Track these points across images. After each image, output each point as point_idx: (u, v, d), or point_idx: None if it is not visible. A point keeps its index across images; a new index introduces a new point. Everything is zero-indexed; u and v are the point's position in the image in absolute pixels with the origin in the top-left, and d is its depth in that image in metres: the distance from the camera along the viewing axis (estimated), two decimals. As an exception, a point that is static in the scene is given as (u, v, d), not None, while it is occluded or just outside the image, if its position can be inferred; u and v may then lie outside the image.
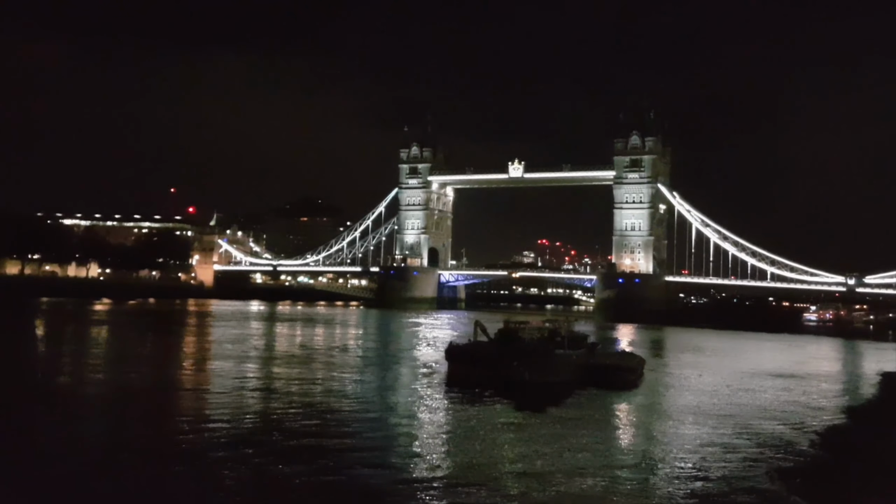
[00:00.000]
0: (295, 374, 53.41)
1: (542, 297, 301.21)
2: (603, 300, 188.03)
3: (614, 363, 55.59)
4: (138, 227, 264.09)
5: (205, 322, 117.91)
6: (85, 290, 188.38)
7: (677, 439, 35.13)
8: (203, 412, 37.07)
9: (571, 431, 34.08)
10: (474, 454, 30.60)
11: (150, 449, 29.05)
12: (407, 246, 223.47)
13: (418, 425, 36.60)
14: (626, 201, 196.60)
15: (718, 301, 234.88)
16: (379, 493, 24.84)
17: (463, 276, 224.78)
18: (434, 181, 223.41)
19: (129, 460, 27.69)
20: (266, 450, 29.66)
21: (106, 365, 55.80)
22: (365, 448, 30.68)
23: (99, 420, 35.53)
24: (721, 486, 27.02)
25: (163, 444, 29.65)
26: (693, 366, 70.31)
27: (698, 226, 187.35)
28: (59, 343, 76.82)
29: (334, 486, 25.56)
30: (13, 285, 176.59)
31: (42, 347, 73.65)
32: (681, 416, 41.09)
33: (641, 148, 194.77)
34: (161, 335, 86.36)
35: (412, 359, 68.29)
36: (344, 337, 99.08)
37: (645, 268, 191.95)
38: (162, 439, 29.88)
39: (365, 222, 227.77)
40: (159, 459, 27.90)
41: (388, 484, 25.66)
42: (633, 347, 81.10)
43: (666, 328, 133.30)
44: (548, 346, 51.32)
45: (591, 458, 30.32)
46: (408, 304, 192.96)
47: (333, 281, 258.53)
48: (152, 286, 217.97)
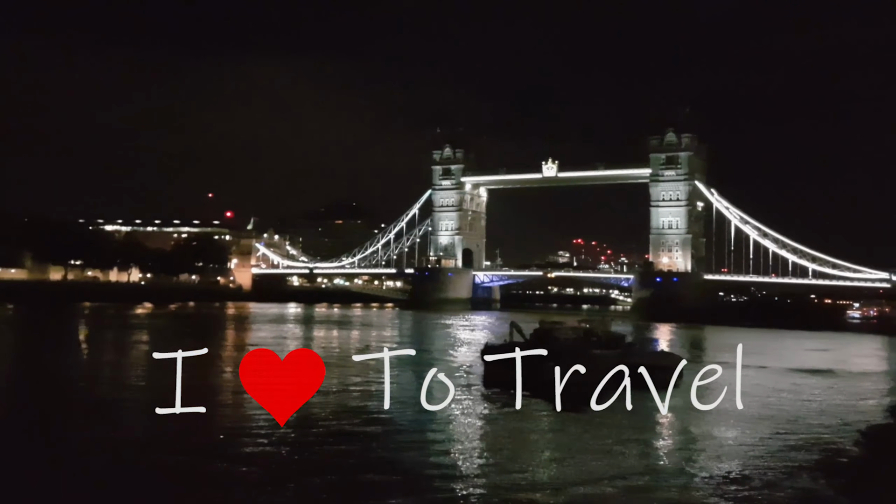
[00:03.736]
0: (333, 374, 53.71)
1: (578, 297, 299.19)
2: (640, 299, 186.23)
3: (652, 363, 54.90)
4: (177, 232, 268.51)
5: (244, 324, 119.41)
6: (126, 294, 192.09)
7: (718, 440, 34.64)
8: (241, 414, 37.43)
9: (609, 433, 33.77)
10: (509, 456, 30.53)
11: (185, 448, 29.34)
12: (441, 247, 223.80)
13: (454, 426, 36.59)
14: (662, 199, 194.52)
15: (758, 299, 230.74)
16: (411, 494, 24.88)
17: (497, 277, 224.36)
18: (467, 182, 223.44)
19: (170, 459, 28.09)
20: (302, 449, 29.97)
21: (150, 367, 56.67)
22: (399, 449, 30.79)
23: (139, 419, 35.87)
24: (763, 486, 26.56)
25: (198, 445, 29.92)
26: (733, 365, 69.21)
27: (737, 223, 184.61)
28: (102, 346, 78.34)
29: (366, 486, 25.68)
30: (57, 291, 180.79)
31: (88, 350, 75.20)
32: (720, 417, 40.46)
33: (677, 145, 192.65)
34: (202, 338, 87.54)
35: (448, 360, 68.33)
36: (380, 338, 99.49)
37: (683, 266, 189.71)
38: (198, 439, 30.07)
39: (399, 224, 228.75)
40: (194, 458, 28.29)
41: (421, 486, 25.68)
42: (672, 347, 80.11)
43: (705, 327, 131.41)
44: (584, 346, 51.00)
45: (630, 460, 30.05)
46: (442, 306, 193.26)
47: (369, 283, 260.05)
48: (192, 290, 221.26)
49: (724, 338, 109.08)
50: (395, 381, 53.16)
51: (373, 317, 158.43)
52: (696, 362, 68.93)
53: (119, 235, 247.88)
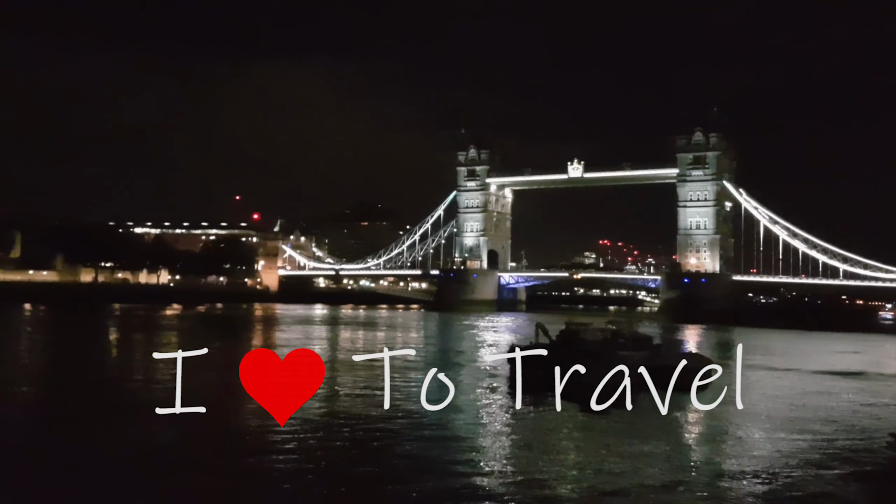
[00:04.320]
0: (361, 375, 53.94)
1: (605, 298, 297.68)
2: (667, 301, 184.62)
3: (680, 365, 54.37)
4: (205, 235, 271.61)
5: (271, 326, 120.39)
6: (155, 296, 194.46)
7: (747, 443, 34.24)
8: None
9: (635, 436, 33.50)
10: (535, 459, 30.38)
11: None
12: (466, 248, 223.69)
13: (480, 427, 36.54)
14: (690, 199, 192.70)
15: (788, 300, 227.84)
16: (437, 496, 24.88)
17: (523, 278, 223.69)
18: (492, 183, 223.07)
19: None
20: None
21: (172, 367, 57.18)
22: (425, 450, 30.79)
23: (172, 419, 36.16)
24: (794, 491, 26.21)
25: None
26: (763, 367, 68.40)
27: (766, 223, 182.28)
28: (131, 347, 79.38)
29: (393, 487, 25.73)
30: (88, 292, 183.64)
31: (118, 350, 76.27)
32: (750, 420, 40.01)
33: (705, 144, 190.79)
34: (229, 339, 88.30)
35: (473, 361, 68.25)
36: (405, 340, 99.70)
37: (711, 267, 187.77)
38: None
39: (424, 225, 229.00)
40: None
41: (447, 488, 25.67)
42: (700, 348, 79.31)
43: (734, 329, 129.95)
44: (610, 347, 50.64)
45: (656, 463, 29.77)
46: (468, 307, 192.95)
47: (394, 284, 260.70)
48: (219, 291, 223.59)
49: (753, 339, 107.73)
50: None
51: (398, 318, 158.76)
52: (724, 364, 68.26)
53: (148, 238, 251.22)
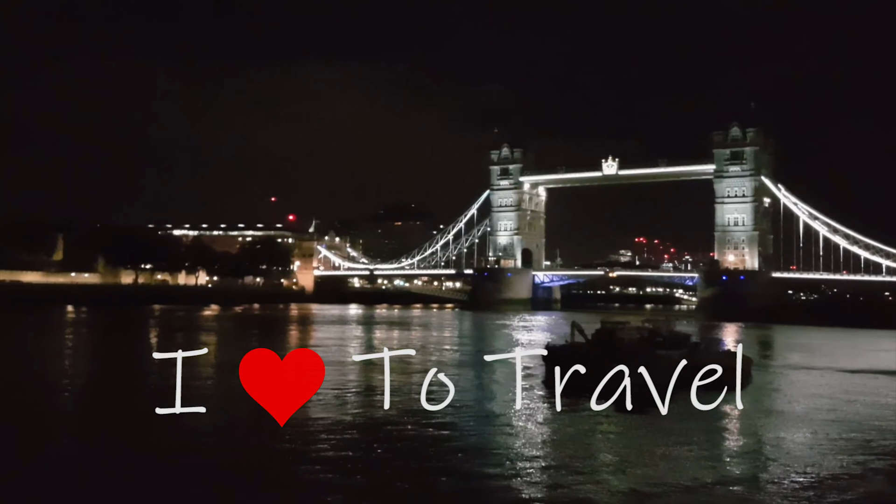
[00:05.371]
0: (394, 376, 54.05)
1: (641, 296, 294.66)
2: (705, 298, 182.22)
3: (719, 364, 53.58)
4: (242, 236, 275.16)
5: (307, 326, 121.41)
6: (194, 297, 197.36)
7: (788, 444, 33.58)
8: (305, 413, 37.85)
9: (674, 436, 33.02)
10: (573, 458, 30.08)
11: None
12: (500, 247, 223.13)
13: (516, 427, 36.33)
14: (727, 195, 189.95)
15: (830, 297, 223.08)
16: (472, 498, 24.79)
17: (558, 277, 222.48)
18: (526, 181, 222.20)
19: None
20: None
21: (217, 368, 57.94)
22: (461, 451, 30.70)
23: (211, 418, 36.56)
24: (836, 493, 25.59)
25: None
26: (804, 366, 67.11)
27: (806, 219, 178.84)
28: (172, 347, 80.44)
29: (428, 488, 25.70)
30: (128, 294, 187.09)
31: (155, 350, 77.35)
32: (791, 420, 39.29)
33: (742, 139, 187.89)
34: (266, 339, 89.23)
35: (508, 361, 67.90)
36: (440, 339, 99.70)
37: (750, 264, 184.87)
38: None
39: (458, 225, 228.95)
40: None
41: (483, 490, 25.57)
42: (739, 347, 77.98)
43: (773, 326, 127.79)
44: (648, 346, 50.04)
45: (696, 464, 29.30)
46: (502, 306, 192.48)
47: (428, 284, 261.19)
48: (256, 292, 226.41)
49: (793, 337, 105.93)
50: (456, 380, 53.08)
51: (432, 318, 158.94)
52: (764, 363, 67.06)
53: (187, 240, 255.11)
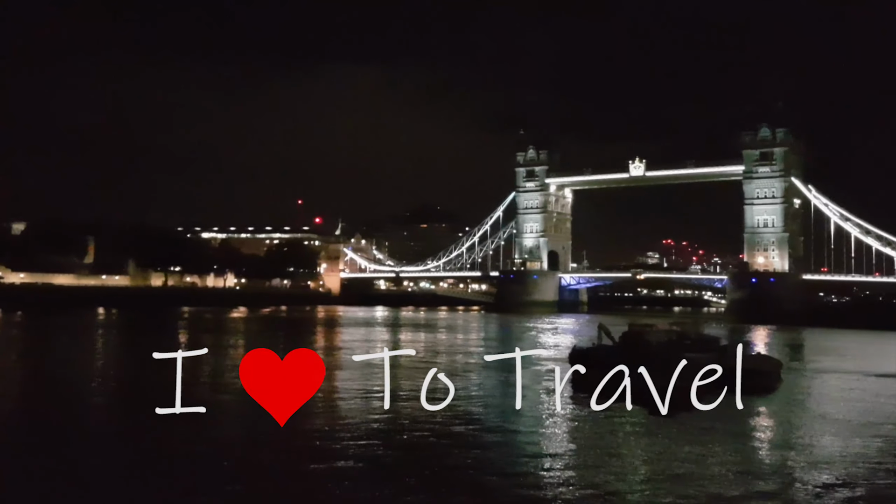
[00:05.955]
0: (421, 377, 54.17)
1: (669, 298, 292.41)
2: (735, 301, 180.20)
3: (748, 367, 52.87)
4: (269, 239, 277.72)
5: (334, 327, 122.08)
6: (222, 299, 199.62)
7: (819, 449, 33.05)
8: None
9: (703, 439, 32.68)
10: (601, 463, 29.88)
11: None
12: (526, 249, 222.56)
13: (542, 430, 36.20)
14: (756, 197, 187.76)
15: (862, 299, 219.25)
16: (494, 498, 24.75)
17: (584, 279, 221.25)
18: (552, 183, 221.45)
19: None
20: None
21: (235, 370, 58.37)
22: (487, 454, 30.71)
23: (237, 421, 36.80)
24: (868, 498, 25.14)
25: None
26: (835, 370, 66.06)
27: (837, 220, 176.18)
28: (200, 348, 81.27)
29: (455, 491, 25.68)
30: (158, 296, 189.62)
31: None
32: (822, 424, 38.70)
33: (772, 140, 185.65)
34: (293, 341, 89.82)
35: (534, 363, 67.72)
36: (466, 341, 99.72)
37: (780, 266, 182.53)
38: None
39: (483, 227, 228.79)
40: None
41: (510, 494, 25.48)
42: (770, 350, 77.18)
43: (804, 329, 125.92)
44: (676, 349, 49.61)
45: (726, 469, 28.92)
46: (528, 308, 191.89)
47: (454, 286, 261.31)
48: (283, 294, 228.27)
49: (824, 340, 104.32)
50: (482, 381, 53.05)
51: (458, 320, 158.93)
52: (795, 366, 66.13)
53: (215, 242, 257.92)
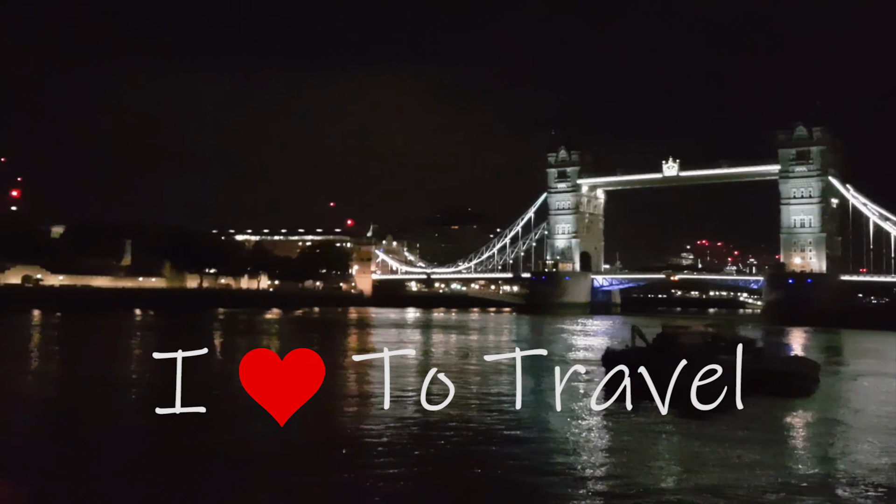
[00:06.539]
0: (452, 379, 54.18)
1: (704, 300, 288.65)
2: (771, 302, 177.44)
3: (785, 369, 52.20)
4: (302, 241, 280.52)
5: (366, 329, 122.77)
6: (256, 300, 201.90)
7: (859, 454, 32.42)
8: (361, 417, 38.36)
9: (740, 444, 32.28)
10: (634, 467, 29.65)
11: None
12: (558, 251, 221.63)
13: (576, 433, 36.07)
14: (793, 196, 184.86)
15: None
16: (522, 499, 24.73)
17: (617, 281, 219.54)
18: (583, 184, 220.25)
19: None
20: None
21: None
22: (518, 455, 30.57)
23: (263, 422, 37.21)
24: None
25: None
26: (874, 373, 64.80)
27: (876, 220, 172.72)
28: (234, 350, 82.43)
29: (485, 493, 25.73)
30: (193, 298, 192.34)
31: (222, 353, 79.42)
32: (862, 429, 37.96)
33: (808, 139, 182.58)
34: (325, 343, 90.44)
35: (567, 365, 67.42)
36: (497, 343, 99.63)
37: (817, 266, 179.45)
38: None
39: (514, 228, 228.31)
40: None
41: (540, 495, 25.47)
42: (807, 352, 75.95)
43: (842, 331, 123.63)
44: (711, 351, 49.08)
45: (763, 474, 28.48)
46: (560, 310, 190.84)
47: (485, 287, 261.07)
48: (316, 296, 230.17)
49: (863, 342, 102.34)
50: (514, 383, 52.85)
51: (490, 321, 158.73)
52: (832, 368, 64.97)
53: (249, 244, 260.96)
